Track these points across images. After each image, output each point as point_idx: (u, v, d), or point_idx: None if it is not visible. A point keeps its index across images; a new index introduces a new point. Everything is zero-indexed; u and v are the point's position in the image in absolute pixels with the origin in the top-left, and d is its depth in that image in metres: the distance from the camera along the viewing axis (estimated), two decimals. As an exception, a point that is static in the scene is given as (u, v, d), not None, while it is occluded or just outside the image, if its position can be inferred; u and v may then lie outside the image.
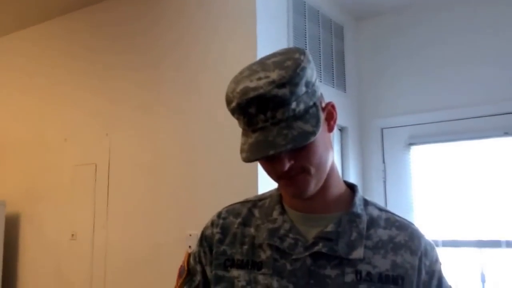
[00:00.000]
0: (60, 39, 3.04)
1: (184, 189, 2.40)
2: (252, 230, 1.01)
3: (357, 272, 0.91)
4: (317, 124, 0.87)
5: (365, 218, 0.97)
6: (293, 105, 0.85)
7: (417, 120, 2.90)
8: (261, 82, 0.85)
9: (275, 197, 1.04)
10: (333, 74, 2.85)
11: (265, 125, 0.85)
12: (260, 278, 0.95)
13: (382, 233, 0.96)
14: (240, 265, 0.99)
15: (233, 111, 0.89)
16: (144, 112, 2.60)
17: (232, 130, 1.97)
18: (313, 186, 0.92)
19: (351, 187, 1.04)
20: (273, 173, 0.92)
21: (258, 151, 0.85)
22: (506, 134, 2.72)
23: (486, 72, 2.75)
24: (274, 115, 0.85)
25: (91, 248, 2.67)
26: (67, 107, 2.93)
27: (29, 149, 3.06)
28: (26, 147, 3.07)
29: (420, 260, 0.94)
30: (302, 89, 0.87)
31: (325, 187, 0.96)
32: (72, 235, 2.74)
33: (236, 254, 1.00)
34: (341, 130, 2.94)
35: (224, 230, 1.04)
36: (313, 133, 0.85)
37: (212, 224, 1.07)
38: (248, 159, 0.86)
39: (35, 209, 2.95)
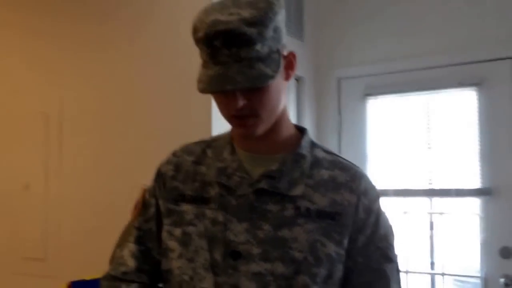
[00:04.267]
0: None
1: (139, 139, 2.37)
2: (204, 168, 1.08)
3: (297, 208, 0.98)
4: (277, 69, 0.92)
5: (309, 159, 1.03)
6: (258, 46, 0.89)
7: (374, 70, 2.87)
8: (232, 18, 0.88)
9: (227, 138, 1.09)
10: (290, 22, 2.79)
11: (228, 60, 0.88)
12: (208, 212, 1.02)
13: (324, 173, 1.03)
14: (190, 200, 1.06)
15: (198, 41, 0.92)
16: (92, 58, 2.54)
17: (186, 73, 1.95)
18: (262, 129, 0.98)
19: (302, 131, 1.10)
20: (226, 111, 0.96)
21: (216, 84, 0.89)
22: (460, 84, 2.73)
23: (440, 22, 2.72)
24: (238, 53, 0.88)
25: (45, 200, 2.65)
26: (14, 58, 2.84)
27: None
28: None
29: (358, 198, 1.01)
30: (270, 33, 0.90)
31: (274, 130, 1.01)
32: (26, 186, 2.70)
33: (187, 190, 1.07)
34: (298, 80, 2.90)
35: (178, 167, 1.11)
36: (272, 76, 0.90)
37: (168, 161, 1.14)
38: (205, 90, 0.90)
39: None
